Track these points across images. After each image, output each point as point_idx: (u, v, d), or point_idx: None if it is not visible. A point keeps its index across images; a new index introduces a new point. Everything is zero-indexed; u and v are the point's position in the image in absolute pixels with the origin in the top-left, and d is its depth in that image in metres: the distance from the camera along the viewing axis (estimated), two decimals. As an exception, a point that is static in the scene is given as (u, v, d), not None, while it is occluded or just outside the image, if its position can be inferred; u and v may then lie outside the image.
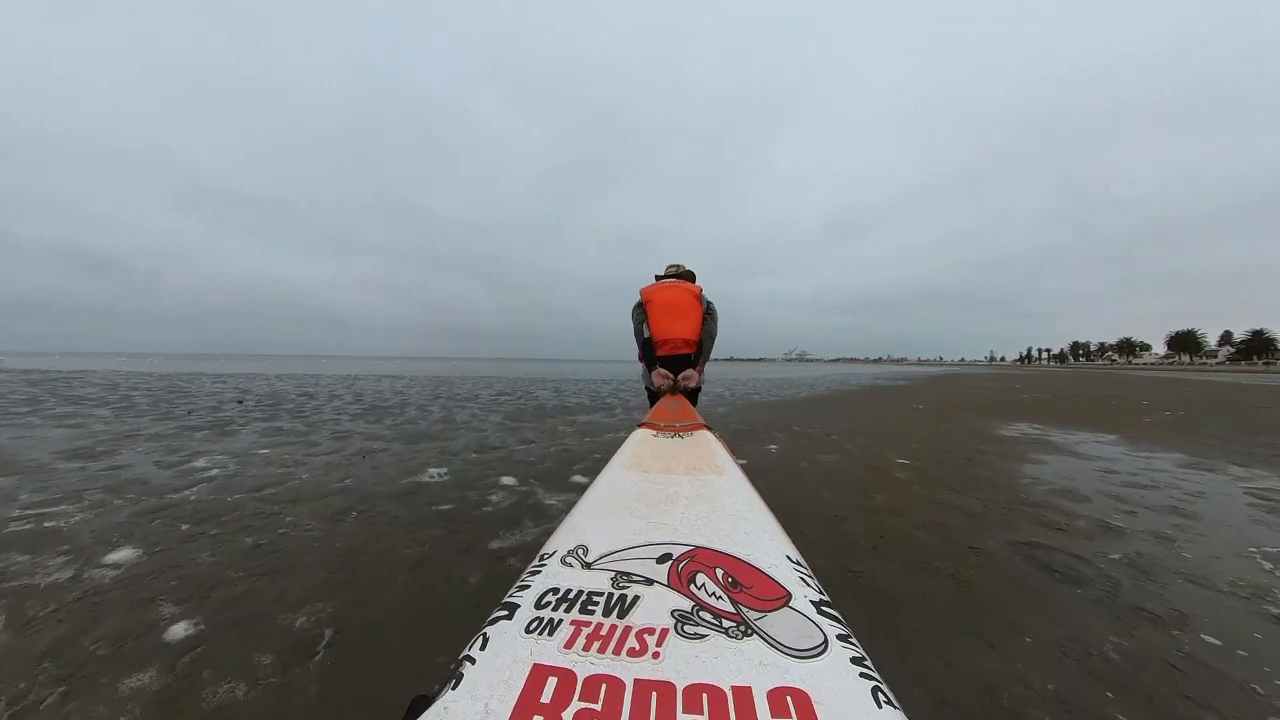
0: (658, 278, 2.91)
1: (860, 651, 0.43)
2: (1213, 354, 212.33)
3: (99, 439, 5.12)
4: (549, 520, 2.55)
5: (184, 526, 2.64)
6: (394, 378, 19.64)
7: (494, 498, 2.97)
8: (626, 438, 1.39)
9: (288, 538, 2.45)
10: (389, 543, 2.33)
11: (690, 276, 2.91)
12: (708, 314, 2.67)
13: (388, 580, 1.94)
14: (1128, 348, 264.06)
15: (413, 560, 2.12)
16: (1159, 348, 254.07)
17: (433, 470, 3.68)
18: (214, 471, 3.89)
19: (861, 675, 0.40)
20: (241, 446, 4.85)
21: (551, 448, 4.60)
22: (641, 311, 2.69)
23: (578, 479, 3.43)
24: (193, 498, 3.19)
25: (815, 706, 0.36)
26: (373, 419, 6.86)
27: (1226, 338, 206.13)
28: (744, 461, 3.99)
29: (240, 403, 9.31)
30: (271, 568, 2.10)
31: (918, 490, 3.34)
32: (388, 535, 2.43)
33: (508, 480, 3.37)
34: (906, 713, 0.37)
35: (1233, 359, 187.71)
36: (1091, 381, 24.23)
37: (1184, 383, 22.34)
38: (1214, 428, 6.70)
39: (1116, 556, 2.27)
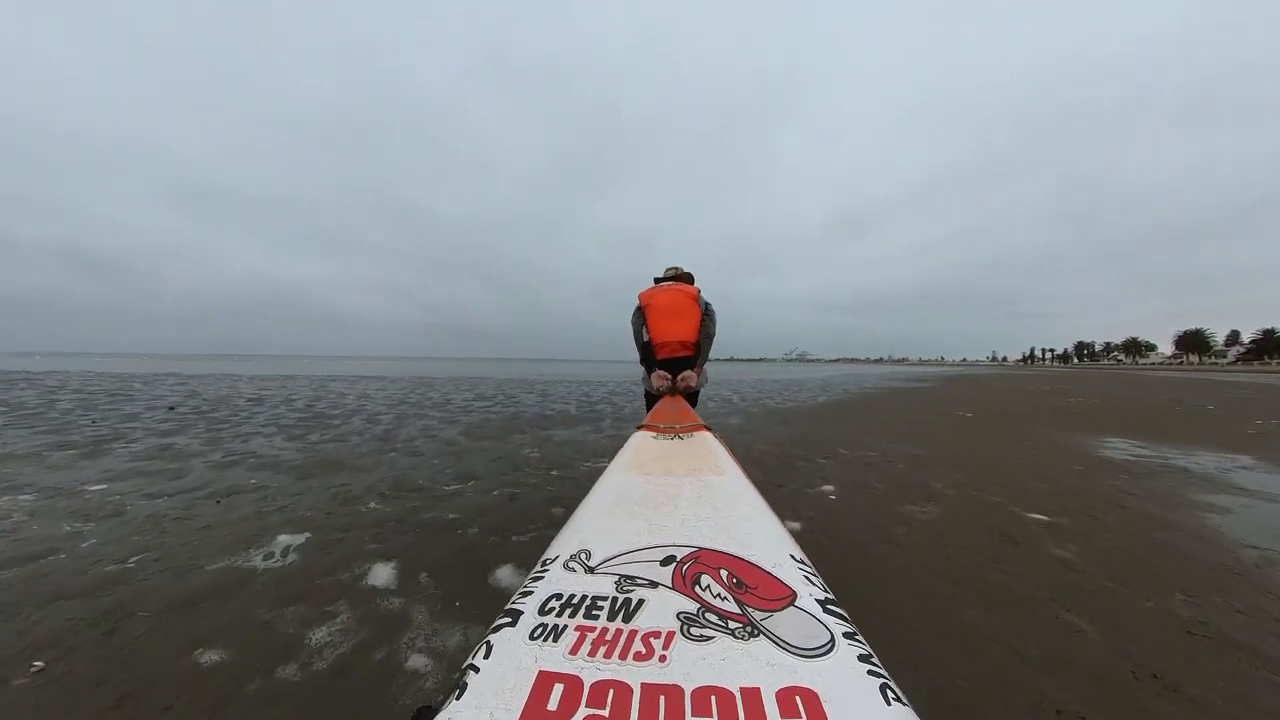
0: (657, 280, 2.84)
1: (867, 649, 0.42)
2: (1222, 354, 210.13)
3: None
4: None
5: None
6: (374, 379, 18.23)
7: (321, 633, 1.47)
8: (621, 448, 1.25)
9: None
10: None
11: (689, 278, 2.83)
12: (706, 315, 2.61)
13: None
14: (1134, 347, 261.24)
15: None
16: (1164, 347, 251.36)
17: (284, 539, 2.22)
18: (-25, 530, 2.52)
19: (869, 673, 0.39)
20: (79, 478, 3.50)
21: (495, 490, 3.09)
22: (640, 316, 2.64)
23: (502, 577, 1.88)
24: None
25: (824, 705, 0.35)
26: (297, 433, 5.45)
27: (1234, 337, 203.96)
28: (798, 525, 2.50)
29: (172, 409, 7.99)
30: None
31: (1114, 590, 1.84)
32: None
33: (381, 575, 1.86)
34: (915, 709, 0.35)
35: (1243, 358, 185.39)
36: (1113, 382, 22.59)
37: (1218, 384, 20.74)
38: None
39: None
